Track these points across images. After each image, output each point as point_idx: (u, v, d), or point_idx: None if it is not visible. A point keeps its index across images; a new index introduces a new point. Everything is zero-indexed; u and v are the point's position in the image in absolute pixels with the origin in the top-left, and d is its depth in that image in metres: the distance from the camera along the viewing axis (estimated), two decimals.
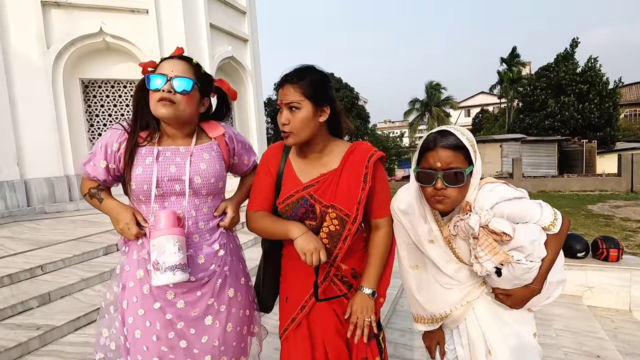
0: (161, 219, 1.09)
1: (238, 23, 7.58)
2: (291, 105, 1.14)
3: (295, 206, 1.21)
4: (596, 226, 7.37)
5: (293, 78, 1.15)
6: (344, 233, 1.20)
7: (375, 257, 1.26)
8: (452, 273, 1.21)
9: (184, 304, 1.17)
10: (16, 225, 4.28)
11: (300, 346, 1.27)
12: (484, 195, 1.09)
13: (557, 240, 1.12)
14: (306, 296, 1.26)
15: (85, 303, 2.48)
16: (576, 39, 20.93)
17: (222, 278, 1.24)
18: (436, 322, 1.29)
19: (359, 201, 1.18)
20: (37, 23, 5.22)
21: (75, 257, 3.03)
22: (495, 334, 1.19)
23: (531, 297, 1.14)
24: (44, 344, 2.10)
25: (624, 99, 26.79)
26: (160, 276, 1.05)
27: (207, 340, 1.21)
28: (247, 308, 1.34)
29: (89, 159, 1.19)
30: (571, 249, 3.65)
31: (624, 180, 13.63)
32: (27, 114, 5.22)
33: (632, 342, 2.88)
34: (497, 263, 1.06)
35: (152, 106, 1.13)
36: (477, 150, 1.11)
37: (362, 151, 1.22)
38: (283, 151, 1.30)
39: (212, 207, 1.26)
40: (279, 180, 1.27)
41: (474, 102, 42.01)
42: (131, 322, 1.17)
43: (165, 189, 1.15)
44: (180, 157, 1.18)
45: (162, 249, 1.05)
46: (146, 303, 1.16)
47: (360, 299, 1.23)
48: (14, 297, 2.40)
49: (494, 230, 1.03)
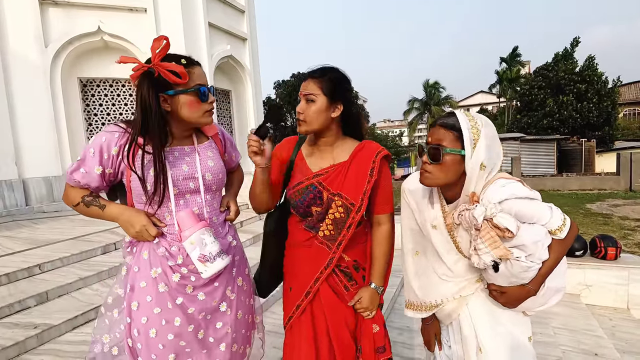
0: (186, 218, 1.14)
1: (237, 22, 7.56)
2: (308, 97, 1.26)
3: (304, 192, 1.30)
4: (595, 225, 7.38)
5: (315, 73, 1.28)
6: (348, 221, 1.28)
7: (380, 254, 1.35)
8: (451, 264, 1.21)
9: (204, 296, 1.20)
10: (14, 224, 4.27)
11: (305, 334, 1.32)
12: (495, 189, 1.08)
13: (562, 245, 1.10)
14: (310, 282, 1.32)
15: (83, 302, 2.48)
16: (577, 38, 20.95)
17: (235, 267, 1.31)
18: (425, 310, 1.30)
19: (364, 192, 1.27)
20: (35, 22, 5.19)
21: (73, 256, 3.03)
22: (487, 332, 1.18)
23: (526, 298, 1.12)
24: (42, 343, 2.10)
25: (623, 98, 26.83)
26: (212, 265, 1.12)
27: (221, 326, 1.24)
28: (250, 297, 1.39)
29: (77, 165, 1.14)
30: (569, 247, 3.65)
31: (623, 179, 13.65)
32: (25, 113, 5.20)
33: (630, 340, 2.89)
34: (495, 257, 1.05)
35: (198, 115, 1.17)
36: (484, 139, 1.08)
37: (370, 148, 1.32)
38: (296, 143, 1.41)
39: (219, 201, 1.32)
40: (289, 170, 1.37)
41: (473, 101, 42.08)
42: (145, 322, 1.15)
43: (181, 187, 1.18)
44: (189, 156, 1.22)
45: (202, 242, 1.11)
46: (162, 301, 1.15)
47: (371, 294, 1.32)
48: (12, 296, 2.40)
49: (498, 225, 1.03)
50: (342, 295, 1.33)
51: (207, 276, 1.12)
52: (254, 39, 8.12)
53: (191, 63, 1.15)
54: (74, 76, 5.76)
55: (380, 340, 1.34)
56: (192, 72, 1.14)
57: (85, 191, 1.18)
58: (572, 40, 20.86)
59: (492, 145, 1.11)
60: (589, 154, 17.79)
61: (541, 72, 21.04)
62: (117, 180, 1.19)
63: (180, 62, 1.12)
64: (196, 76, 1.15)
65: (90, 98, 5.99)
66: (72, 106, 5.74)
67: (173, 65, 1.09)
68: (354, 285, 1.34)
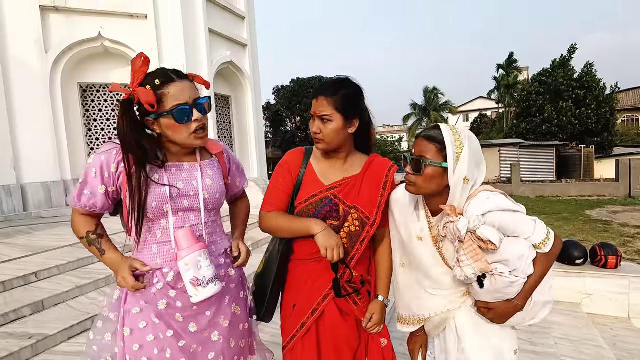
0: (183, 237, 1.09)
1: (237, 28, 7.61)
2: (323, 118, 1.22)
3: (319, 205, 1.27)
4: (595, 232, 7.36)
5: (327, 91, 1.22)
6: (363, 235, 1.27)
7: (387, 267, 1.36)
8: (437, 277, 1.22)
9: (196, 328, 1.16)
10: (12, 230, 4.25)
11: (308, 356, 1.27)
12: (479, 202, 1.09)
13: (547, 259, 1.11)
14: (318, 299, 1.28)
15: (79, 311, 2.46)
16: (574, 45, 21.07)
17: (229, 295, 1.25)
18: (414, 324, 1.31)
19: (378, 205, 1.27)
20: (35, 27, 5.22)
21: (69, 263, 3.01)
22: (475, 347, 1.19)
23: (514, 313, 1.13)
24: (36, 354, 2.07)
25: (621, 104, 26.94)
26: (203, 291, 1.06)
27: (213, 356, 1.20)
28: (245, 321, 1.34)
29: (80, 188, 1.11)
30: (569, 255, 3.64)
31: (622, 185, 13.65)
32: (25, 119, 5.20)
33: (631, 351, 2.86)
34: (477, 270, 1.06)
35: (184, 137, 1.10)
36: (467, 152, 1.10)
37: (380, 163, 1.34)
38: (304, 156, 1.36)
39: (215, 222, 1.26)
40: (298, 183, 1.32)
41: (472, 107, 42.21)
42: (137, 350, 1.13)
43: (174, 206, 1.14)
44: (186, 173, 1.17)
45: (197, 264, 1.06)
46: (158, 329, 1.13)
47: (381, 308, 1.32)
48: (7, 305, 2.37)
49: (481, 237, 1.03)
50: (351, 312, 1.30)
51: (196, 301, 1.07)
52: (254, 44, 8.16)
53: (167, 81, 1.06)
54: (74, 82, 5.78)
55: (389, 354, 1.33)
56: (166, 94, 1.06)
57: (91, 222, 1.15)
58: (569, 47, 20.97)
59: (476, 159, 1.12)
60: (588, 160, 17.81)
61: (539, 78, 21.16)
62: (119, 197, 1.17)
63: (154, 83, 1.05)
64: (171, 96, 1.06)
65: (89, 103, 5.99)
66: (72, 111, 5.76)
67: (144, 92, 1.03)
68: (362, 300, 1.32)
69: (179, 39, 6.00)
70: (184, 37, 6.05)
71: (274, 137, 25.92)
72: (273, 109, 25.08)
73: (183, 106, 1.07)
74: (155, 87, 1.05)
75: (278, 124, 25.74)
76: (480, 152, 1.15)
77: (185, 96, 1.08)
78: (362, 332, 1.33)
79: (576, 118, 19.60)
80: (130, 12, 5.75)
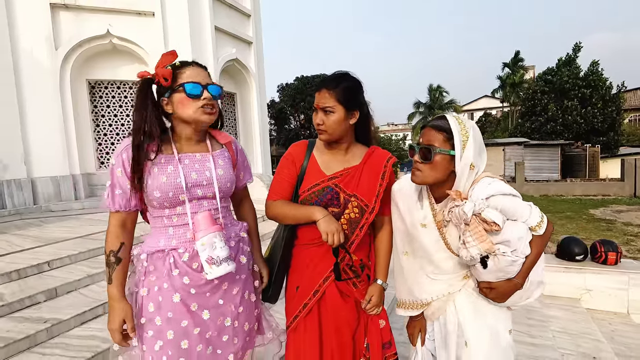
0: (202, 220, 1.17)
1: (243, 26, 7.67)
2: (326, 109, 1.30)
3: (321, 194, 1.35)
4: (597, 230, 7.36)
5: (329, 84, 1.30)
6: (362, 221, 1.34)
7: (386, 253, 1.44)
8: (439, 262, 1.28)
9: (208, 314, 1.22)
10: (23, 222, 4.36)
11: (310, 335, 1.35)
12: (482, 187, 1.16)
13: (541, 241, 1.19)
14: (319, 281, 1.36)
15: (90, 298, 2.54)
16: (579, 43, 20.87)
17: (239, 286, 1.31)
18: (416, 308, 1.37)
19: (377, 194, 1.35)
20: (46, 25, 5.32)
21: (81, 253, 3.10)
22: (473, 327, 1.26)
23: (514, 291, 1.20)
24: (51, 337, 2.16)
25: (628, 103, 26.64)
26: (217, 269, 1.14)
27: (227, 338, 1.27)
28: (256, 307, 1.40)
29: (112, 191, 1.16)
30: (570, 251, 3.68)
31: (627, 185, 13.57)
32: (35, 114, 5.30)
33: (629, 345, 2.90)
34: (482, 250, 1.12)
35: (191, 111, 1.17)
36: (472, 141, 1.17)
37: (380, 154, 1.41)
38: (307, 148, 1.44)
39: (226, 208, 1.33)
40: (301, 173, 1.40)
41: (477, 106, 41.98)
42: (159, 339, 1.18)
43: (189, 195, 1.20)
44: (198, 163, 1.23)
45: (212, 245, 1.15)
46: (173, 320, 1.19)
47: (380, 291, 1.40)
48: (22, 291, 2.46)
49: (485, 219, 1.10)
50: (350, 293, 1.38)
51: (211, 277, 1.15)
52: (259, 42, 8.22)
53: (184, 65, 1.19)
54: (82, 78, 5.88)
55: (387, 335, 1.40)
56: (182, 72, 1.17)
57: (121, 234, 1.19)
58: (574, 45, 20.77)
59: (479, 147, 1.20)
60: (593, 159, 17.69)
61: (544, 77, 21.00)
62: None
63: (174, 65, 1.18)
64: (186, 76, 1.17)
65: (98, 100, 6.10)
66: (81, 107, 5.86)
67: (162, 70, 1.15)
68: (362, 283, 1.40)
69: (185, 36, 6.07)
70: (191, 35, 6.12)
71: (278, 134, 25.98)
72: (277, 106, 25.16)
73: (195, 83, 1.17)
74: (174, 67, 1.17)
75: (282, 122, 25.82)
76: (482, 141, 1.23)
77: (198, 78, 1.18)
78: (362, 314, 1.40)
79: (582, 117, 19.45)
80: (138, 10, 5.83)
